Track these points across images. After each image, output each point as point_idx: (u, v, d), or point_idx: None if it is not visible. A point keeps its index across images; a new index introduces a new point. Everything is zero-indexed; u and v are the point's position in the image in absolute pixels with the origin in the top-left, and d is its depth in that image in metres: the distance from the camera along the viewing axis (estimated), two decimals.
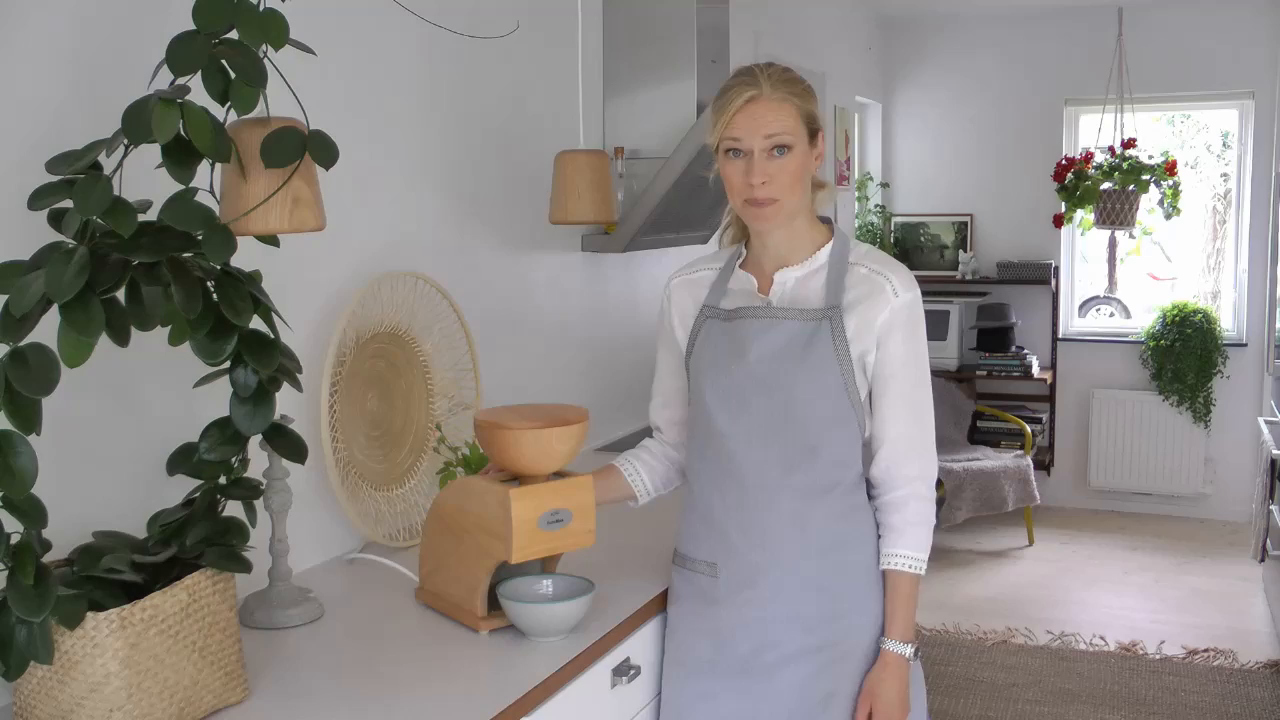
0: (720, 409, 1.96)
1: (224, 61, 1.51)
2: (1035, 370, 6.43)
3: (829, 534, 1.94)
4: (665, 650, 2.10)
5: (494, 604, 1.96)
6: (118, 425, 1.87)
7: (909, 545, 1.95)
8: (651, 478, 2.16)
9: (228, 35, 1.52)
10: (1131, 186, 5.78)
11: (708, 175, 2.03)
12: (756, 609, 1.96)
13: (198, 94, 1.49)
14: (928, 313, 2.09)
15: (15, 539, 1.43)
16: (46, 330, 1.43)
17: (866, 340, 1.92)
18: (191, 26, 1.49)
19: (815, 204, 2.02)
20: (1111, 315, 6.98)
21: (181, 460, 1.72)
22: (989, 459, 5.87)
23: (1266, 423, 5.08)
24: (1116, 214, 5.85)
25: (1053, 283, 6.46)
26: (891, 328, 1.93)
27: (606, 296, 3.55)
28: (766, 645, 1.96)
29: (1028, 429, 6.17)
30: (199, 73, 1.49)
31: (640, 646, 2.07)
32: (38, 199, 1.49)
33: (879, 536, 1.98)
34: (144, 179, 1.62)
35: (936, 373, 2.19)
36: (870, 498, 2.00)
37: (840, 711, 1.96)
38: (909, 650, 1.95)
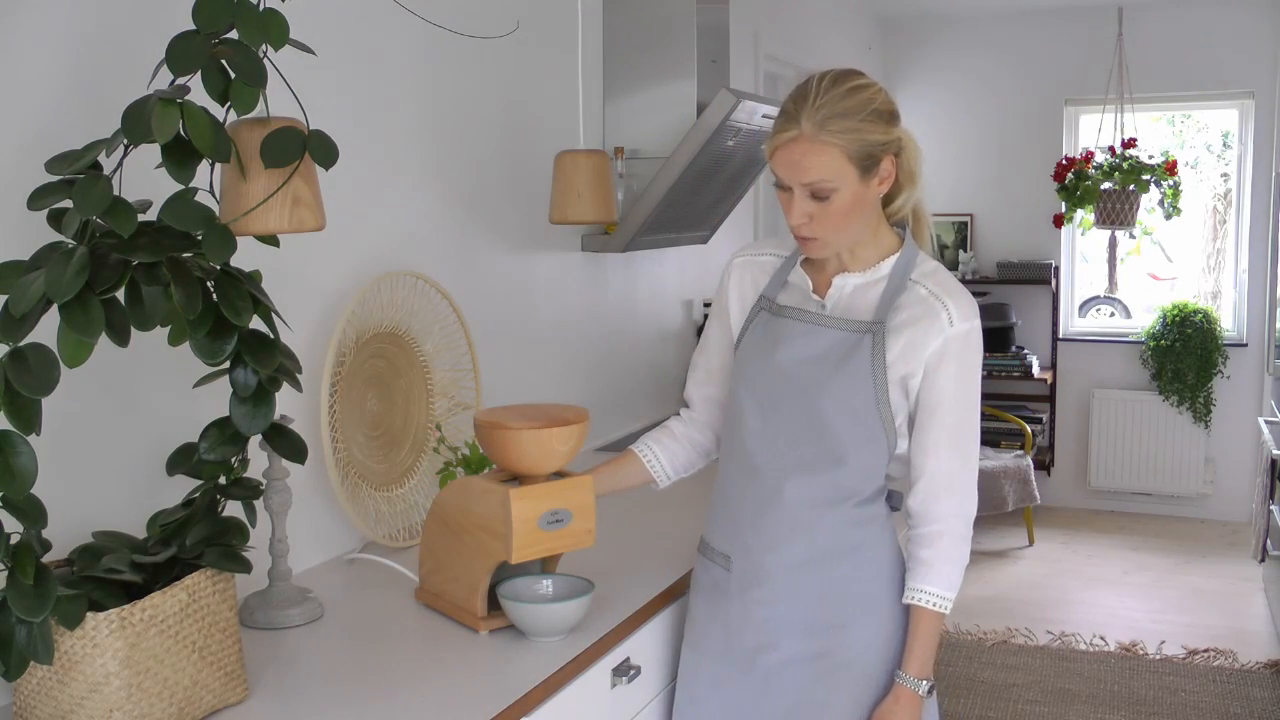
0: (753, 405, 1.93)
1: (224, 61, 1.51)
2: (1035, 370, 6.43)
3: (838, 542, 1.89)
4: (685, 634, 2.09)
5: (494, 604, 1.96)
6: (118, 425, 1.87)
7: (936, 582, 1.86)
8: (671, 462, 2.12)
9: (228, 35, 1.52)
10: (1131, 186, 5.78)
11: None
12: (763, 608, 1.94)
13: (198, 94, 1.49)
14: None
15: (15, 539, 1.43)
16: (46, 330, 1.43)
17: (911, 364, 1.84)
18: (191, 26, 1.49)
19: (896, 206, 1.94)
20: (1112, 315, 6.98)
21: (181, 460, 1.72)
22: (989, 459, 5.86)
23: (1266, 423, 5.08)
24: (1116, 214, 5.85)
25: (1053, 283, 6.46)
26: (943, 358, 1.84)
27: (606, 296, 3.55)
28: (768, 645, 1.95)
29: (1028, 429, 6.17)
30: (199, 73, 1.49)
31: (640, 646, 2.07)
32: (37, 199, 1.49)
33: (897, 551, 1.94)
34: (144, 179, 1.62)
35: None
36: (887, 515, 1.94)
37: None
38: (924, 687, 1.88)
